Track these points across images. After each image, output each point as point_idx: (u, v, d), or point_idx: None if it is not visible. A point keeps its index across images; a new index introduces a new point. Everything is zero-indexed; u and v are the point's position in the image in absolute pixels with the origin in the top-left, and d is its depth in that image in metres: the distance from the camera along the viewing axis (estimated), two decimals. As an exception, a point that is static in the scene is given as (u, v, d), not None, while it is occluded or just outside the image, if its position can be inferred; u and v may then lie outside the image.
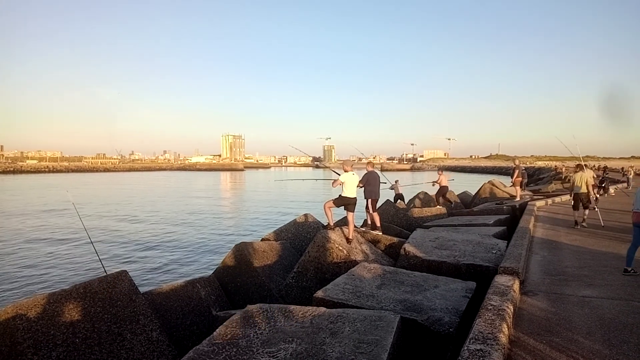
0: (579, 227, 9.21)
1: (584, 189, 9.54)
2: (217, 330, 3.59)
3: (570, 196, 10.05)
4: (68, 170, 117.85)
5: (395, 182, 17.99)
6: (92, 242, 7.78)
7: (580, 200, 9.48)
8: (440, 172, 16.92)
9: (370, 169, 9.12)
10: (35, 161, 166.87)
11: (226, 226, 21.19)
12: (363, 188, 8.78)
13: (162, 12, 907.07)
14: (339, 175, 7.83)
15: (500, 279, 4.63)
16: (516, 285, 4.51)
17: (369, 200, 8.95)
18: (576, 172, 10.09)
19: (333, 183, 7.82)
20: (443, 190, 16.49)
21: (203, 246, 15.90)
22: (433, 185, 17.58)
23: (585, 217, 9.59)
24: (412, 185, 24.18)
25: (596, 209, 10.60)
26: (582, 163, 10.57)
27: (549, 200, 14.54)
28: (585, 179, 9.66)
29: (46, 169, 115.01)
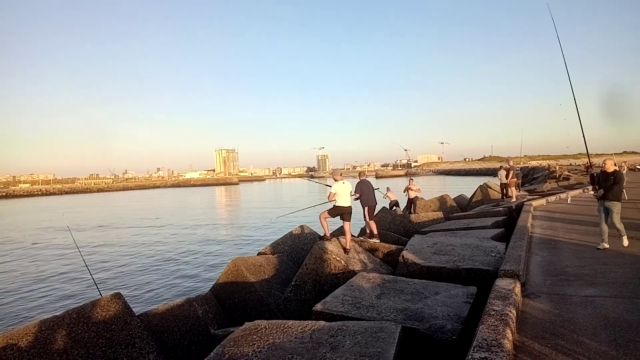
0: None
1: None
2: (215, 350, 3.49)
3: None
4: (61, 192, 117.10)
5: (387, 189, 17.61)
6: (86, 265, 7.67)
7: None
8: (411, 180, 16.68)
9: (362, 177, 9.22)
10: (27, 185, 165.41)
11: (222, 241, 20.99)
12: (359, 199, 8.82)
13: (152, 29, 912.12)
14: (330, 186, 7.86)
15: (501, 283, 4.56)
16: (517, 288, 4.44)
17: (366, 208, 8.93)
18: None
19: (328, 197, 7.83)
20: (415, 201, 16.15)
21: (199, 263, 15.71)
22: (405, 192, 16.83)
23: None
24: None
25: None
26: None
27: (545, 200, 14.54)
28: None
29: (39, 192, 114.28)
